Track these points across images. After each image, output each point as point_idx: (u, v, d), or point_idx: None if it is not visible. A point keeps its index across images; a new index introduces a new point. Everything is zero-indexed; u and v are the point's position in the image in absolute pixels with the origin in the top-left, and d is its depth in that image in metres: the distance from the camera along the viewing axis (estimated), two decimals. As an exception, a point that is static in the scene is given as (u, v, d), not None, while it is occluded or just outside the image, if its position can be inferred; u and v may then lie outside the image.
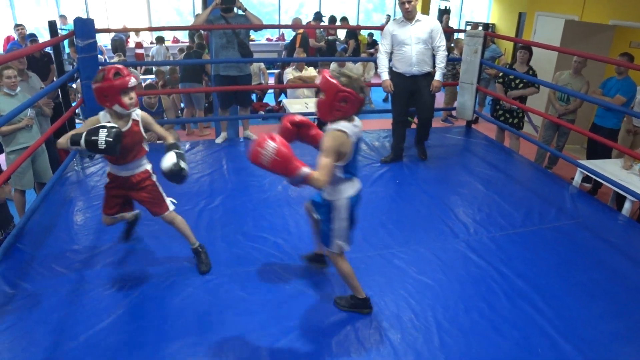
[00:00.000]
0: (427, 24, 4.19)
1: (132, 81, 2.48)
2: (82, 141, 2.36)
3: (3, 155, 4.44)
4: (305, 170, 2.13)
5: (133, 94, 2.51)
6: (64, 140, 2.44)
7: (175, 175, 2.58)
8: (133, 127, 2.59)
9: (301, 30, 8.84)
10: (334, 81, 2.11)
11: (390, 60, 4.41)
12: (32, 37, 6.98)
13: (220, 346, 2.24)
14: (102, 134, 2.34)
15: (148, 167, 2.74)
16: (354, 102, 2.14)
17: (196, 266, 2.80)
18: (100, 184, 3.88)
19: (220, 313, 2.46)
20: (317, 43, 9.57)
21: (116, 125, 2.43)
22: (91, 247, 3.01)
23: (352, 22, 11.30)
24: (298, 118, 2.45)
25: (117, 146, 2.38)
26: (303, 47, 8.45)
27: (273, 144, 2.09)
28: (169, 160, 2.57)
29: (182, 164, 2.58)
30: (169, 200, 2.77)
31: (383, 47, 4.37)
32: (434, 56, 4.31)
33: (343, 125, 2.17)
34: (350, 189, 2.32)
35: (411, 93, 4.40)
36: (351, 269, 2.42)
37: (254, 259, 2.92)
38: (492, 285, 2.74)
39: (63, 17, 10.68)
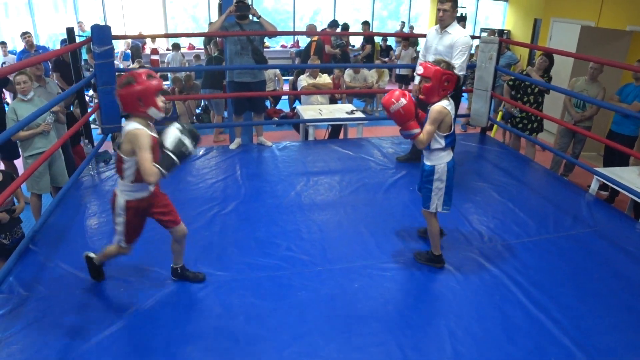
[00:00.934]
0: (451, 37, 3.95)
1: (163, 83, 2.39)
2: (174, 160, 2.17)
3: (21, 159, 4.51)
4: (416, 130, 2.66)
5: (163, 97, 2.35)
6: (154, 178, 2.16)
7: (179, 155, 2.22)
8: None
9: (316, 37, 8.86)
10: (437, 67, 2.60)
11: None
12: (65, 43, 7.08)
13: (231, 351, 2.24)
14: (186, 141, 2.20)
15: None
16: (453, 81, 2.64)
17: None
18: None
19: (232, 318, 2.46)
20: (333, 50, 9.59)
21: (184, 123, 2.28)
22: (105, 251, 3.03)
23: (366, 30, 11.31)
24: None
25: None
26: (317, 54, 8.46)
27: (404, 100, 2.61)
28: (171, 134, 2.24)
29: (186, 141, 2.23)
30: None
31: (421, 51, 4.37)
32: None
33: (445, 103, 2.66)
34: (448, 156, 2.77)
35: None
36: (438, 229, 2.92)
37: (266, 265, 2.92)
38: (506, 293, 2.70)
39: (81, 24, 10.86)
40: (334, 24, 9.99)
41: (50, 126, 4.28)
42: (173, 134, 2.23)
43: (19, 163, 4.71)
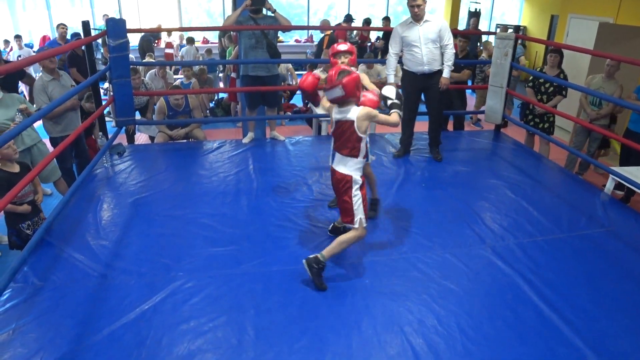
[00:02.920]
0: (435, 24, 4.26)
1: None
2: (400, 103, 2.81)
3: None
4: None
5: None
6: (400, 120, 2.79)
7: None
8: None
9: (329, 32, 8.83)
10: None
11: (399, 61, 4.56)
12: (77, 36, 7.19)
13: (242, 345, 2.25)
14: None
15: None
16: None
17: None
18: (128, 181, 3.96)
19: (243, 312, 2.47)
20: None
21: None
22: (118, 242, 3.06)
23: (380, 25, 11.25)
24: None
25: None
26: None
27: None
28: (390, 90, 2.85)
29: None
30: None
31: (392, 49, 4.47)
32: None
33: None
34: None
35: (421, 91, 4.55)
36: None
37: (277, 259, 2.93)
38: (518, 293, 2.68)
39: (106, 16, 10.92)
40: (348, 18, 9.96)
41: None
42: (390, 89, 2.84)
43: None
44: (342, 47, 3.27)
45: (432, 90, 4.44)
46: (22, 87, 7.63)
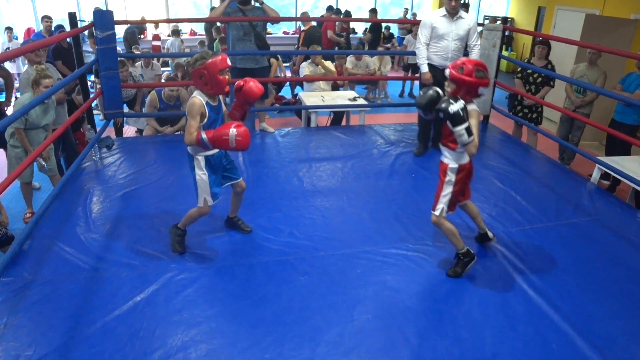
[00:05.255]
0: (466, 22, 4.24)
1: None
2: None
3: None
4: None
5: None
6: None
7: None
8: None
9: (307, 27, 8.74)
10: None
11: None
12: (61, 29, 7.09)
13: (235, 335, 2.26)
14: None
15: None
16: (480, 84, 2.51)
17: None
18: (117, 174, 3.94)
19: (236, 302, 2.48)
20: (336, 37, 9.54)
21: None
22: (109, 235, 3.05)
23: (367, 16, 11.26)
24: None
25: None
26: (307, 44, 8.29)
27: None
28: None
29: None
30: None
31: (423, 38, 4.35)
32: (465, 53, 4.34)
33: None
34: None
35: (441, 85, 4.36)
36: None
37: (269, 250, 2.94)
38: (507, 280, 2.72)
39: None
40: (330, 9, 9.92)
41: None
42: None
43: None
44: None
45: None
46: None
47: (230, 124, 2.53)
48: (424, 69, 4.36)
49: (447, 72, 2.57)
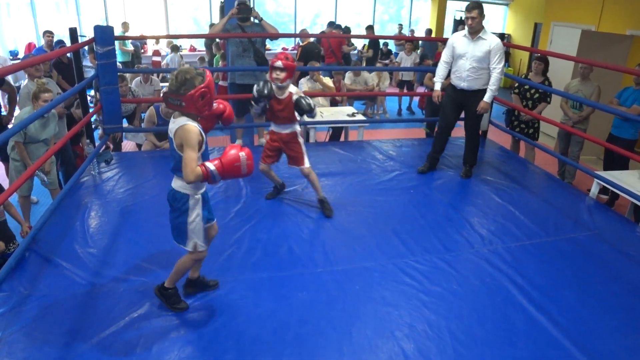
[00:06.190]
0: (486, 43, 4.07)
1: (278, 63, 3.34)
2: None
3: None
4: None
5: None
6: None
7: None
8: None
9: (305, 43, 8.77)
10: None
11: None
12: (61, 44, 7.13)
13: (231, 352, 2.24)
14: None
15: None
16: None
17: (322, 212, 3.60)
18: (116, 189, 3.93)
19: (233, 319, 2.46)
20: (349, 48, 9.75)
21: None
22: (107, 250, 3.04)
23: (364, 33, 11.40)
24: None
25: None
26: (303, 60, 8.27)
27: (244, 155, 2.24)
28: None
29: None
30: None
31: (444, 57, 4.37)
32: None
33: None
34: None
35: (460, 106, 4.37)
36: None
37: (267, 266, 2.93)
38: (507, 296, 2.71)
39: (125, 24, 10.82)
40: (332, 24, 10.00)
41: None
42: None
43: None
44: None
45: (469, 109, 4.31)
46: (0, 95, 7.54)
47: (231, 148, 2.22)
48: (436, 86, 4.41)
49: (278, 63, 3.29)
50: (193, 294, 2.63)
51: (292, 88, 3.44)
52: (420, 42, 12.19)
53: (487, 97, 4.15)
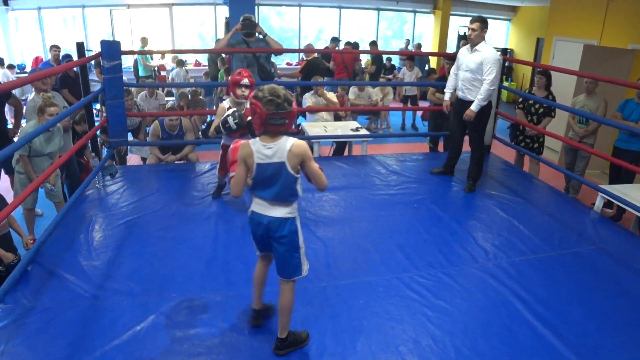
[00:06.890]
0: (480, 55, 4.12)
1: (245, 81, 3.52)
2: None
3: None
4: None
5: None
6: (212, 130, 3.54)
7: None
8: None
9: (309, 57, 8.83)
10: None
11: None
12: (68, 58, 7.22)
13: (236, 366, 2.23)
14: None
15: None
16: None
17: None
18: (120, 202, 3.94)
19: (236, 333, 2.45)
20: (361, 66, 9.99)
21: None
22: (110, 263, 3.04)
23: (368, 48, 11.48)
24: None
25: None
26: (305, 74, 8.29)
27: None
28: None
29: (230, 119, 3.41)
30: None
31: (452, 68, 4.51)
32: None
33: None
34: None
35: (461, 116, 4.36)
36: None
37: (270, 280, 2.89)
38: (512, 311, 2.68)
39: (144, 39, 11.01)
40: (335, 39, 10.08)
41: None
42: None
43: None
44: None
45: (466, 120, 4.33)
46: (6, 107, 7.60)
47: None
48: (445, 96, 4.57)
49: (245, 80, 3.50)
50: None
51: (247, 104, 3.52)
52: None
53: (473, 106, 4.19)
